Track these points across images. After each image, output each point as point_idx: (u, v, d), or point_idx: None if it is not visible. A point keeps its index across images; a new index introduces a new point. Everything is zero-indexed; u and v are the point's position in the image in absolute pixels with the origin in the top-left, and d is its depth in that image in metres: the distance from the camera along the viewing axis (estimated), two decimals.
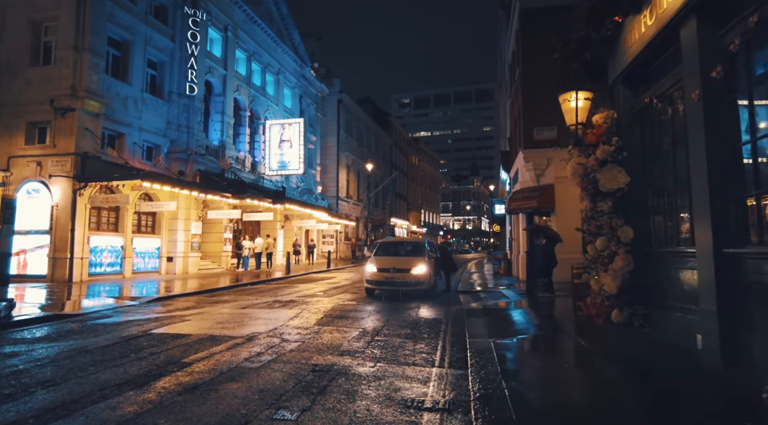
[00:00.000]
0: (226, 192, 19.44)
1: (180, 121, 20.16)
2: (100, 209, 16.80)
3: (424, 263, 12.83)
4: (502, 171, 23.38)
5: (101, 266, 16.45)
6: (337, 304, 11.09)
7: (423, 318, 9.10)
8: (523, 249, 16.69)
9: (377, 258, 13.03)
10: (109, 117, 16.84)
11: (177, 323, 8.43)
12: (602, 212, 7.28)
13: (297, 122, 26.50)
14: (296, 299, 12.15)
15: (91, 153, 15.62)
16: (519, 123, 17.52)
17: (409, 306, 10.75)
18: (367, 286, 12.67)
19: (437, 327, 8.17)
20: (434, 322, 8.65)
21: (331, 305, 10.81)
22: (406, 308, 10.50)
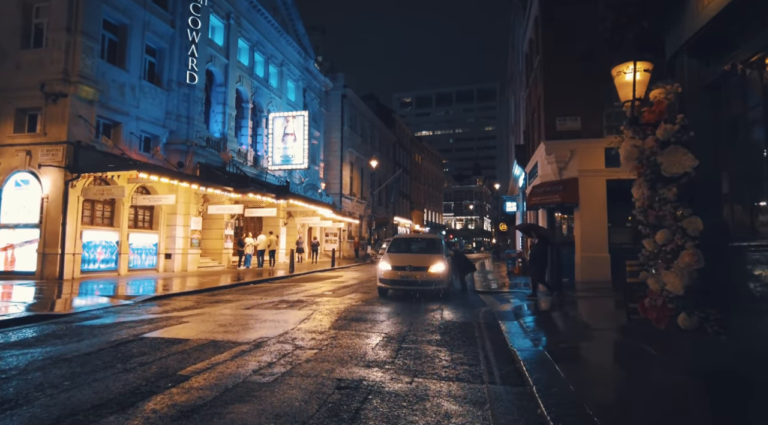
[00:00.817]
0: (227, 186, 18.48)
1: (180, 111, 19.19)
2: (94, 202, 15.83)
3: (443, 261, 11.86)
4: (515, 166, 22.42)
5: (95, 262, 15.48)
6: (350, 305, 10.12)
7: (450, 322, 8.13)
8: None
9: (391, 255, 12.06)
10: (105, 105, 15.87)
11: (174, 325, 7.46)
12: (665, 200, 6.29)
13: (301, 115, 25.51)
14: (304, 299, 11.18)
15: (84, 142, 14.64)
16: (539, 114, 16.55)
17: (429, 308, 9.78)
18: (380, 285, 11.70)
19: (469, 332, 7.20)
20: (464, 326, 7.68)
21: (343, 306, 9.84)
22: (427, 310, 9.52)
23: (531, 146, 18.72)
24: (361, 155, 43.20)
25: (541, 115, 15.66)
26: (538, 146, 16.31)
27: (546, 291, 11.14)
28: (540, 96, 16.05)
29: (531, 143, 18.79)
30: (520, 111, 24.00)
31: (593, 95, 14.72)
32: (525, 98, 20.22)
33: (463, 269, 13.58)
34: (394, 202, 51.81)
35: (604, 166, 14.54)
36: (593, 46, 15.00)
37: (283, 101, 28.36)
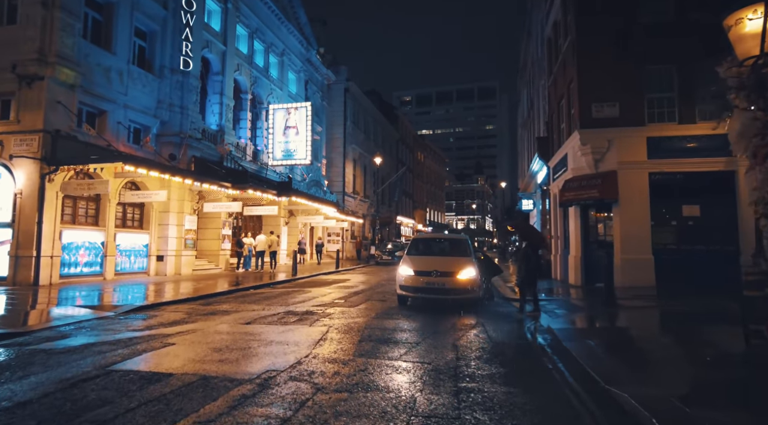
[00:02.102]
0: (225, 181, 16.89)
1: (173, 100, 17.59)
2: (76, 198, 14.22)
3: (473, 265, 10.31)
4: (535, 161, 20.87)
5: (76, 266, 13.88)
6: (370, 318, 8.55)
7: (502, 343, 6.57)
8: (576, 249, 14.18)
9: (413, 258, 10.50)
10: (88, 90, 14.26)
11: (157, 349, 5.89)
12: None
13: (304, 106, 23.90)
14: (314, 309, 9.60)
15: (64, 131, 13.03)
16: (569, 100, 15.00)
17: (466, 323, 8.22)
18: (400, 293, 10.13)
19: (535, 359, 5.65)
20: (524, 351, 6.13)
21: (362, 320, 8.27)
22: (464, 325, 7.96)
23: (556, 138, 17.17)
24: (365, 152, 41.63)
25: (573, 101, 14.11)
26: (569, 136, 14.76)
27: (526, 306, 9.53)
28: (571, 80, 14.50)
29: (556, 135, 17.24)
30: (538, 102, 22.47)
31: (633, 79, 13.19)
32: (548, 86, 18.68)
33: (490, 274, 12.04)
34: (398, 201, 50.24)
35: (647, 157, 13.02)
36: (631, 24, 13.53)
37: (284, 93, 26.76)
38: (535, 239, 10.35)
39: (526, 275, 9.59)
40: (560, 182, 16.18)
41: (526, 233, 10.78)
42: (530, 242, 10.05)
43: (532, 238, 10.31)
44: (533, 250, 9.83)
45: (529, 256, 9.66)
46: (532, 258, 9.64)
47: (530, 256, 9.65)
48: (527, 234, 10.66)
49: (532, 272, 9.55)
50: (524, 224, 12.94)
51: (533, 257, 9.72)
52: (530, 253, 9.71)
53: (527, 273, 9.57)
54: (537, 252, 10.03)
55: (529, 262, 9.58)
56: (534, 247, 9.94)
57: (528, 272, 9.55)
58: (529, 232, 10.94)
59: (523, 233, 10.96)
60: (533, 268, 9.60)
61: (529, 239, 10.21)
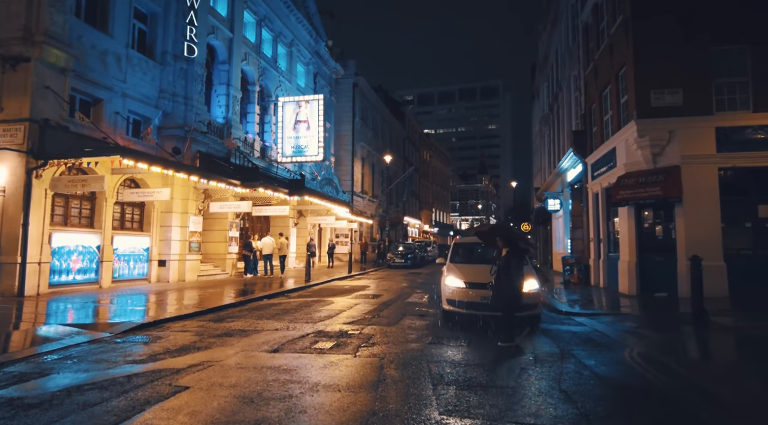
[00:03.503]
0: (233, 179, 15.32)
1: (176, 89, 16.02)
2: (68, 197, 12.66)
3: (533, 276, 8.78)
4: (568, 157, 19.32)
5: (68, 273, 12.31)
6: (423, 344, 6.98)
7: (625, 386, 5.02)
8: (630, 253, 12.63)
9: (460, 268, 8.96)
10: (82, 76, 12.70)
11: (165, 398, 4.35)
12: None
13: (316, 99, 22.32)
14: (348, 329, 8.05)
15: (53, 121, 11.48)
16: (618, 89, 13.47)
17: (545, 351, 6.68)
18: (447, 308, 8.59)
19: (690, 415, 4.09)
20: (665, 401, 4.56)
21: (416, 348, 6.70)
22: (549, 356, 6.41)
23: (598, 131, 15.63)
24: (373, 150, 40.09)
25: (628, 88, 12.56)
26: (620, 127, 13.23)
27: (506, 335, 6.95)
28: (622, 66, 12.98)
29: (597, 128, 15.70)
30: (566, 95, 20.93)
31: (698, 62, 11.68)
32: (584, 76, 17.13)
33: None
34: (407, 201, 48.71)
35: (715, 150, 11.51)
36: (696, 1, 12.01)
37: (292, 86, 25.19)
38: (521, 242, 7.57)
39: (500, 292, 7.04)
40: (605, 179, 14.65)
41: (508, 237, 7.57)
42: (515, 248, 7.29)
43: (517, 241, 7.45)
44: (519, 258, 7.25)
45: (511, 266, 7.04)
46: (514, 269, 7.04)
47: (513, 266, 7.07)
48: (510, 237, 7.55)
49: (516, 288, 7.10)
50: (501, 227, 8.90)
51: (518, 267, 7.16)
52: (514, 262, 7.10)
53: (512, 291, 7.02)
54: (522, 260, 7.35)
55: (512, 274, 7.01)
56: (519, 253, 7.28)
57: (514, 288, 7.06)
58: (511, 235, 7.74)
59: (504, 237, 7.54)
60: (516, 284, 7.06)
61: (513, 244, 7.32)
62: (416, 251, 30.38)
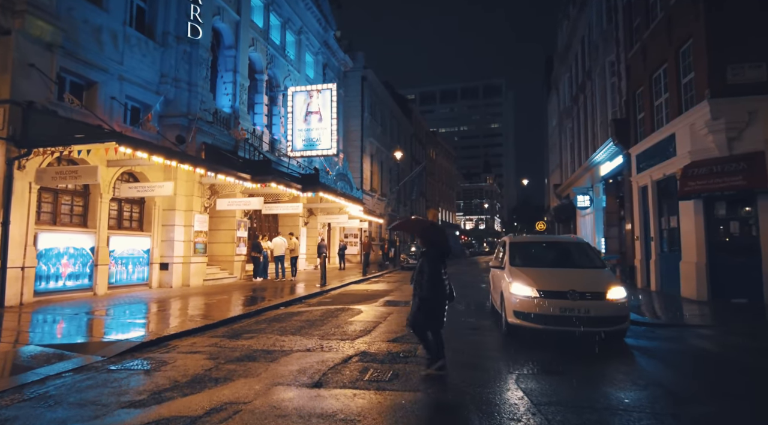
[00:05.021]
0: (243, 173, 13.77)
1: (179, 74, 14.48)
2: (58, 192, 11.12)
3: (618, 281, 7.29)
4: (602, 150, 17.77)
5: (57, 279, 10.75)
6: (510, 373, 5.44)
7: None
8: (696, 253, 11.07)
9: (526, 272, 7.41)
10: (72, 54, 11.16)
11: None
12: None
13: (328, 89, 20.75)
14: (397, 348, 6.50)
15: (39, 103, 9.93)
16: (677, 68, 11.92)
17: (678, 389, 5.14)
18: (513, 321, 7.04)
19: None
20: None
21: (502, 376, 5.17)
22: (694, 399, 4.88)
23: (647, 117, 14.07)
24: (381, 146, 38.53)
25: (697, 65, 11.00)
26: (681, 112, 11.70)
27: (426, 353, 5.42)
28: (686, 41, 11.45)
29: (647, 114, 14.14)
30: (599, 82, 19.37)
31: None
32: (628, 58, 15.57)
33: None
34: (416, 199, 47.18)
35: None
36: None
37: (301, 76, 23.64)
38: (441, 241, 5.61)
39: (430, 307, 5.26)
40: (658, 170, 13.12)
41: (427, 234, 5.78)
42: (434, 249, 5.49)
43: (437, 240, 5.60)
44: (439, 260, 5.43)
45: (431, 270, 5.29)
46: (435, 273, 5.28)
47: (433, 270, 5.30)
48: (429, 235, 5.73)
49: (439, 298, 5.29)
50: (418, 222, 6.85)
51: (437, 271, 5.32)
52: (434, 265, 5.33)
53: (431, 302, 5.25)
54: (443, 262, 5.47)
55: (435, 281, 5.26)
56: (440, 254, 5.47)
57: (434, 298, 5.25)
58: (432, 232, 5.83)
59: (423, 234, 5.83)
60: (441, 292, 5.30)
61: (434, 244, 5.55)
62: None
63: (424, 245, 5.62)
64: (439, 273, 5.29)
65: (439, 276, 5.28)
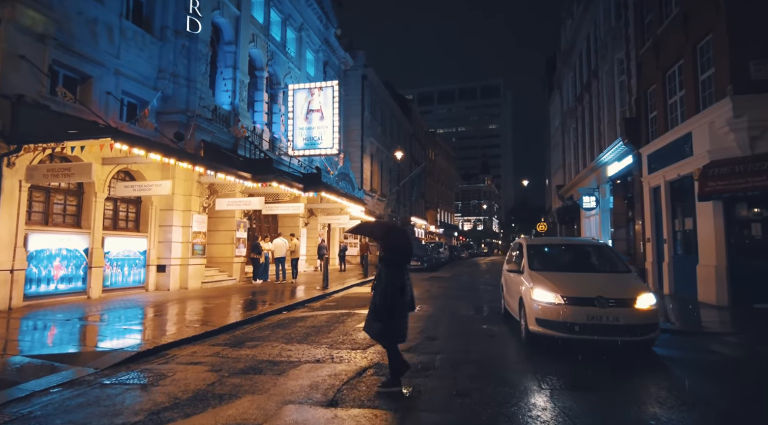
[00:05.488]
0: (244, 171, 13.29)
1: (177, 69, 13.99)
2: (50, 190, 10.62)
3: (647, 287, 6.86)
4: (610, 150, 17.38)
5: (49, 282, 10.25)
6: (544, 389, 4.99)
7: None
8: (716, 256, 10.67)
9: (549, 276, 6.96)
10: (66, 46, 10.67)
11: None
12: None
13: (330, 86, 20.29)
14: (413, 359, 6.03)
15: (30, 98, 9.44)
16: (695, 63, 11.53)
17: None
18: (536, 331, 6.59)
19: None
20: None
21: (533, 393, 4.73)
22: None
23: (660, 116, 13.68)
24: (382, 146, 38.09)
25: (719, 59, 10.60)
26: (699, 109, 11.31)
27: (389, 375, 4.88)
28: (704, 35, 11.06)
29: (659, 112, 13.74)
30: (609, 81, 18.98)
31: None
32: (640, 55, 15.18)
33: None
34: (416, 200, 46.75)
35: None
36: None
37: (302, 74, 23.18)
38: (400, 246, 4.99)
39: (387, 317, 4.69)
40: (672, 170, 12.72)
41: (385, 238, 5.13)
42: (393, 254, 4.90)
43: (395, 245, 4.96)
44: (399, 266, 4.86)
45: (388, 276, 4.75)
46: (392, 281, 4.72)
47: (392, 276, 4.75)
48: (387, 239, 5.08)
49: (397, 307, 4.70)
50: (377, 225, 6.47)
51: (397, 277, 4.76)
52: (393, 271, 4.78)
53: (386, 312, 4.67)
54: (403, 268, 4.90)
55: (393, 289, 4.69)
56: (400, 260, 4.90)
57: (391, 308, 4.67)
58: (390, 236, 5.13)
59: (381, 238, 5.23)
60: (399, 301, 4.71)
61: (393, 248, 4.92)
62: (432, 253, 28.45)
63: (383, 249, 5.01)
64: (398, 280, 4.73)
65: (399, 284, 4.72)
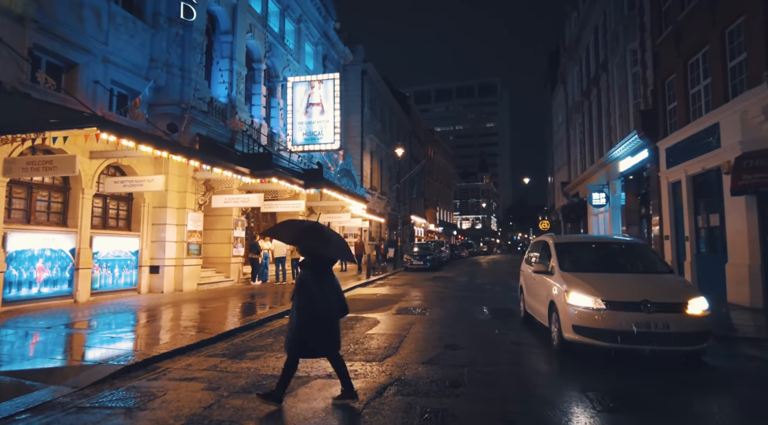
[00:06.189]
0: (242, 166, 12.52)
1: (171, 59, 13.20)
2: (32, 186, 9.83)
3: (697, 290, 6.16)
4: (624, 144, 16.69)
5: (32, 285, 9.46)
6: (592, 412, 4.27)
7: None
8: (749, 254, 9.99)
9: (587, 278, 6.26)
10: (49, 29, 9.87)
11: None
12: None
13: (331, 79, 19.51)
14: (436, 375, 5.31)
15: (8, 85, 8.66)
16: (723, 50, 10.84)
17: None
18: (572, 339, 5.89)
19: None
20: None
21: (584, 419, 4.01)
22: None
23: (680, 108, 12.99)
24: (381, 143, 37.33)
25: (753, 43, 9.90)
26: (726, 99, 10.62)
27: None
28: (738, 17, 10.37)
29: (680, 103, 13.06)
30: (621, 73, 18.28)
31: None
32: (657, 44, 14.49)
33: None
34: (416, 198, 46.02)
35: None
36: None
37: (301, 67, 22.39)
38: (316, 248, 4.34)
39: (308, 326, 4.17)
40: (696, 163, 12.04)
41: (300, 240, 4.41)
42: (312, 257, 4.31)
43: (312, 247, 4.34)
44: (319, 270, 4.29)
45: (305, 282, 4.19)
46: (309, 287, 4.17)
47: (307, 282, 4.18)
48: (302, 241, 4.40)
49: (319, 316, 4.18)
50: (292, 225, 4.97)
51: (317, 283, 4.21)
52: (312, 276, 4.21)
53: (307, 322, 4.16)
54: (323, 272, 4.32)
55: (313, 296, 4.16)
56: (320, 263, 4.33)
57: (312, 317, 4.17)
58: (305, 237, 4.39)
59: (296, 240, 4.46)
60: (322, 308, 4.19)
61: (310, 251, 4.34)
62: (434, 252, 27.74)
63: (301, 253, 4.45)
64: (312, 288, 4.19)
65: (310, 293, 4.18)
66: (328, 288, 4.31)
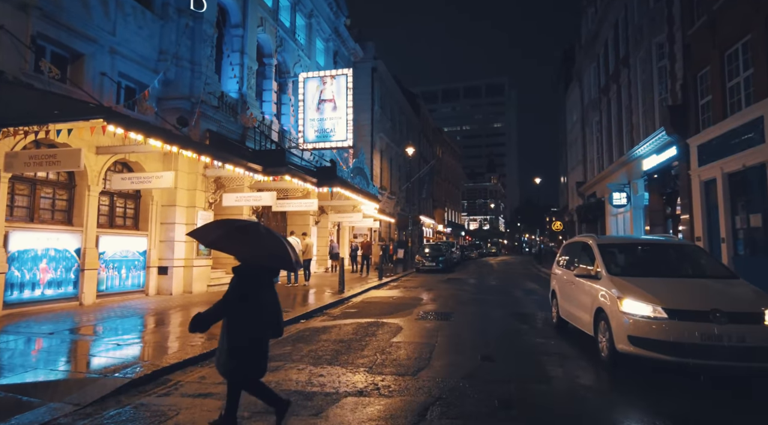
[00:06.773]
0: (254, 163, 11.97)
1: (180, 51, 12.68)
2: (35, 182, 9.32)
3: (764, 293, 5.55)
4: (649, 142, 15.99)
5: (35, 287, 8.95)
6: None
7: None
8: None
9: (642, 283, 5.64)
10: (53, 18, 9.37)
11: None
12: None
13: (343, 74, 18.94)
14: (481, 394, 4.72)
15: (10, 74, 8.15)
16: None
17: None
18: (625, 350, 5.28)
19: None
20: None
21: None
22: None
23: (716, 101, 12.29)
24: (391, 142, 36.74)
25: None
26: None
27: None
28: None
29: (716, 96, 12.37)
30: (646, 68, 17.57)
31: None
32: (688, 35, 13.79)
33: None
34: (426, 198, 45.39)
35: None
36: None
37: (312, 63, 21.85)
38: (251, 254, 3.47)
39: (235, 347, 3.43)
40: (734, 161, 11.33)
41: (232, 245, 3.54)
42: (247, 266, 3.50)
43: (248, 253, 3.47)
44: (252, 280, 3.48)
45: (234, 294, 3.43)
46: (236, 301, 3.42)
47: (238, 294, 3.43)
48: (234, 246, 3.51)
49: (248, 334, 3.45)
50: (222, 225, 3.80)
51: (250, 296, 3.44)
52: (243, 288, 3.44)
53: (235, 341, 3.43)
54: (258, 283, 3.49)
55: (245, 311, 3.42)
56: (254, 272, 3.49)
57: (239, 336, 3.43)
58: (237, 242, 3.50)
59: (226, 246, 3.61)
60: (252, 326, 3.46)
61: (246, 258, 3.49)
62: (446, 254, 27.11)
63: (237, 259, 3.53)
64: (251, 299, 3.42)
65: (252, 304, 3.42)
66: (266, 301, 3.50)
